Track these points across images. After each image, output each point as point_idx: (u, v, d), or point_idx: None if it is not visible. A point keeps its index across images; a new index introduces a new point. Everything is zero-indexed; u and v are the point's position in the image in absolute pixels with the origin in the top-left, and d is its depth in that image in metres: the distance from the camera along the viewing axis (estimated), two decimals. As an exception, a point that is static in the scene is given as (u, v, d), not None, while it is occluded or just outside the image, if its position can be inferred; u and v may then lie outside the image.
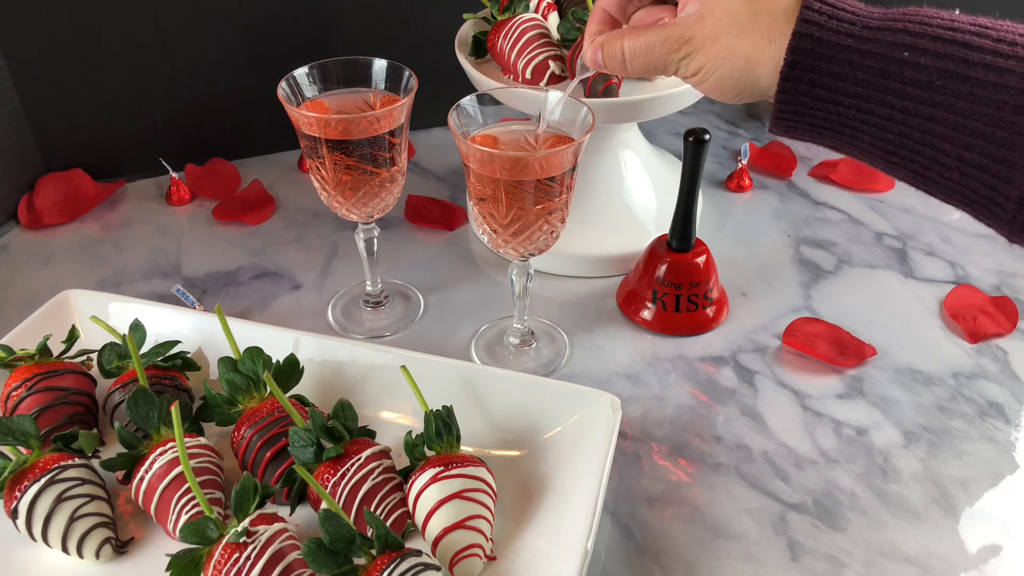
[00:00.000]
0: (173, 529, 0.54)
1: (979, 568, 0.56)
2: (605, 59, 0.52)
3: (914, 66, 0.40)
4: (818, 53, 0.42)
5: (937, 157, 0.41)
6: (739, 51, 0.45)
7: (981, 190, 0.41)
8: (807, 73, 0.43)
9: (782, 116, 0.45)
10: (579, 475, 0.56)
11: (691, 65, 0.47)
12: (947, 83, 0.39)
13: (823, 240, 0.86)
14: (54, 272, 0.81)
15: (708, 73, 0.47)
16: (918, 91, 0.40)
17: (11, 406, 0.60)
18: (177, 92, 0.91)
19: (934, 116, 0.40)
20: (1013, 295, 0.78)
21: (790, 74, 0.43)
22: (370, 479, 0.54)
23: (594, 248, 0.80)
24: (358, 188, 0.66)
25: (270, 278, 0.81)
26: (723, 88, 0.47)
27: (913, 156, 0.42)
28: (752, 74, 0.45)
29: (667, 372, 0.71)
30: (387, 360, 0.63)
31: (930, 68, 0.40)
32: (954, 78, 0.39)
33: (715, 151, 1.00)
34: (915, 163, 0.42)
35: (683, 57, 0.47)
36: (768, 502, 0.60)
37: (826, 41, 0.42)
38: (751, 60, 0.45)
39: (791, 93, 0.44)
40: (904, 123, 0.41)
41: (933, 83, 0.40)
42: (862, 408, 0.67)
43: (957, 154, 0.40)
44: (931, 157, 0.41)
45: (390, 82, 0.67)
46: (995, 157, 0.39)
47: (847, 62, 0.42)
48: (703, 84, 0.48)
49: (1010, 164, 0.39)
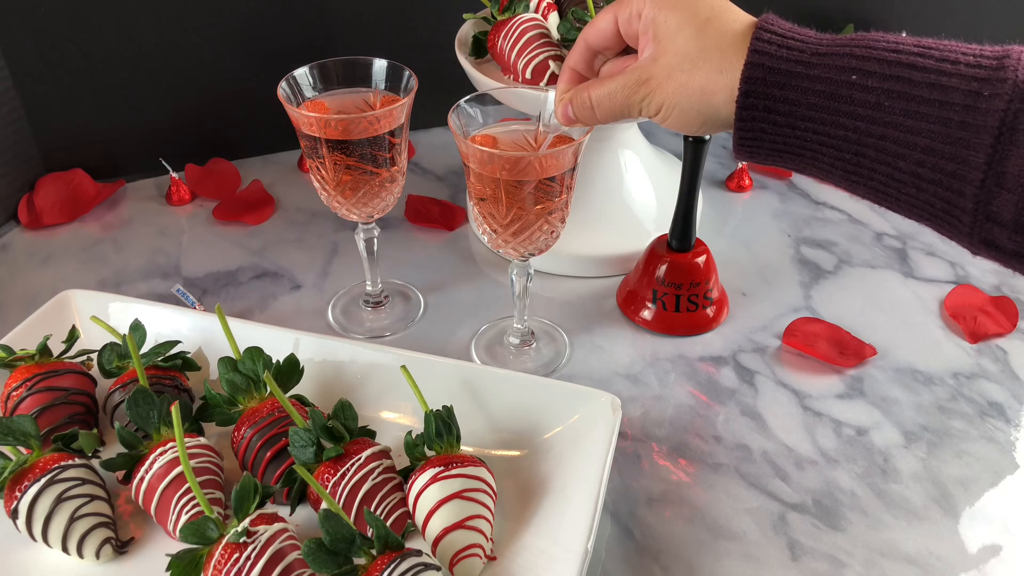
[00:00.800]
0: (173, 529, 0.54)
1: (979, 568, 0.56)
2: (575, 110, 0.54)
3: (862, 88, 0.42)
4: (770, 80, 0.44)
5: (893, 174, 0.42)
6: (693, 85, 0.47)
7: (938, 204, 0.42)
8: (762, 100, 0.44)
9: (742, 142, 0.47)
10: (579, 475, 0.56)
11: (652, 104, 0.49)
12: (895, 103, 0.41)
13: (823, 240, 0.86)
14: (54, 272, 0.81)
15: (669, 109, 0.49)
16: (868, 111, 0.42)
17: (11, 406, 0.60)
18: (177, 92, 0.91)
19: (886, 135, 0.42)
20: (1013, 295, 0.78)
21: (745, 102, 0.45)
22: (370, 479, 0.54)
23: (594, 248, 0.80)
24: (358, 188, 0.66)
25: (270, 278, 0.81)
26: (686, 121, 0.49)
27: (871, 174, 0.43)
28: (710, 105, 0.47)
29: (667, 372, 0.71)
30: (387, 360, 0.63)
31: (878, 89, 0.41)
32: (901, 98, 0.41)
33: (715, 151, 1.00)
34: (874, 180, 0.44)
35: (643, 98, 0.49)
36: (768, 502, 0.60)
37: (777, 69, 0.44)
38: (706, 92, 0.47)
39: (748, 120, 0.45)
40: (859, 143, 0.43)
41: (882, 103, 0.41)
42: (862, 408, 0.67)
43: (911, 170, 0.42)
44: (888, 174, 0.43)
45: (390, 82, 0.67)
46: (946, 172, 0.40)
47: (799, 88, 0.43)
48: (667, 120, 0.49)
49: (961, 178, 0.40)
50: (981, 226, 0.41)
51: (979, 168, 0.39)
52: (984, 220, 0.40)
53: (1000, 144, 0.38)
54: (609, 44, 0.53)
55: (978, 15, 0.98)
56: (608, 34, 0.53)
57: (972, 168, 0.39)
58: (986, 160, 0.39)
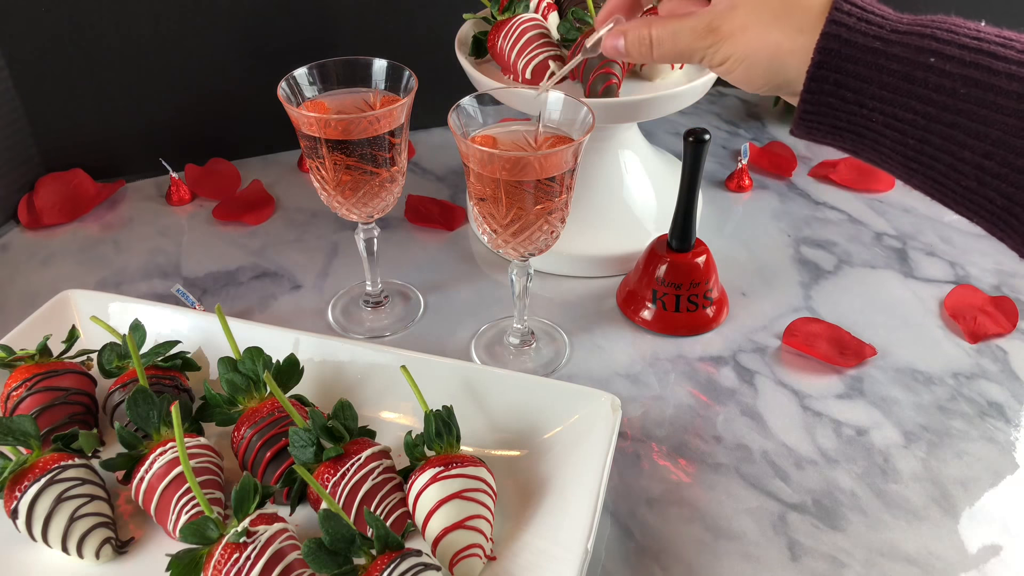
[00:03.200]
0: (173, 529, 0.54)
1: (979, 568, 0.56)
2: (629, 44, 0.51)
3: (939, 72, 0.40)
4: (845, 54, 0.42)
5: (956, 165, 0.41)
6: (769, 39, 0.45)
7: (998, 200, 0.41)
8: (833, 73, 0.43)
9: (806, 116, 0.45)
10: (579, 475, 0.56)
11: (718, 54, 0.47)
12: (971, 91, 0.40)
13: (823, 240, 0.86)
14: (54, 272, 0.81)
15: (736, 63, 0.47)
16: (942, 97, 0.40)
17: (11, 406, 0.60)
18: (177, 92, 0.91)
19: (956, 123, 0.40)
20: (1013, 295, 0.78)
21: (816, 74, 0.43)
22: (370, 479, 0.54)
23: (594, 248, 0.80)
24: (358, 188, 0.66)
25: (270, 278, 0.81)
26: (750, 77, 0.47)
27: (932, 163, 0.42)
28: (781, 65, 0.45)
29: (667, 372, 0.71)
30: (387, 360, 0.63)
31: (955, 75, 0.40)
32: (978, 86, 0.40)
33: (715, 151, 1.00)
34: (934, 170, 0.42)
35: (710, 45, 0.47)
36: (768, 502, 0.60)
37: (854, 43, 0.42)
38: (780, 49, 0.45)
39: (816, 93, 0.44)
40: (926, 128, 0.41)
41: (957, 90, 0.40)
42: (862, 408, 0.67)
43: (976, 162, 0.41)
44: (950, 164, 0.41)
45: (390, 82, 0.67)
46: (1014, 167, 0.40)
47: (874, 64, 0.42)
48: (731, 74, 0.48)
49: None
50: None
51: None
52: None
53: None
54: None
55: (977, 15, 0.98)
56: None
57: None
58: None
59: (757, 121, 1.06)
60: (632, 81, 0.78)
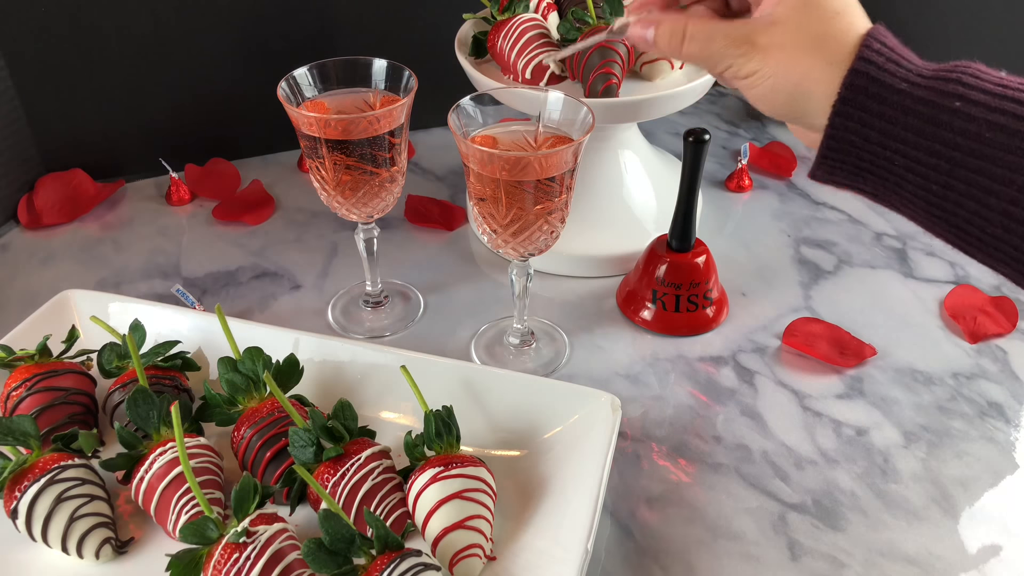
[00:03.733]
0: (173, 529, 0.54)
1: (979, 568, 0.56)
2: (659, 36, 0.50)
3: (965, 116, 0.40)
4: (872, 92, 0.42)
5: (980, 211, 0.41)
6: (801, 63, 0.44)
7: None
8: (858, 111, 0.42)
9: (828, 155, 0.45)
10: (579, 475, 0.56)
11: (746, 67, 0.47)
12: (996, 136, 0.39)
13: (823, 240, 0.86)
14: (54, 272, 0.81)
15: (762, 78, 0.46)
16: (967, 142, 0.40)
17: (11, 406, 0.60)
18: (177, 92, 0.91)
19: (981, 168, 0.40)
20: (1013, 295, 0.78)
21: (842, 109, 0.43)
22: (370, 479, 0.54)
23: (594, 248, 0.80)
24: (358, 188, 0.66)
25: (270, 278, 0.81)
26: (773, 98, 0.47)
27: (956, 209, 0.42)
28: (806, 91, 0.45)
29: (667, 372, 0.71)
30: (387, 360, 0.63)
31: (980, 120, 0.40)
32: (1004, 131, 0.39)
33: (715, 151, 1.00)
34: (958, 216, 0.42)
35: (741, 55, 0.47)
36: (768, 502, 0.60)
37: (881, 82, 0.42)
38: (809, 76, 0.44)
39: (840, 130, 0.43)
40: (950, 174, 0.41)
41: (983, 135, 0.40)
42: (862, 408, 0.67)
43: (1002, 208, 0.40)
44: (974, 211, 0.41)
45: (390, 82, 0.67)
46: None
47: (899, 105, 0.42)
48: (754, 89, 0.47)
49: None
50: None
51: None
52: None
53: None
54: None
55: (977, 16, 0.98)
56: None
57: None
58: None
59: (757, 121, 1.06)
60: (632, 81, 0.78)
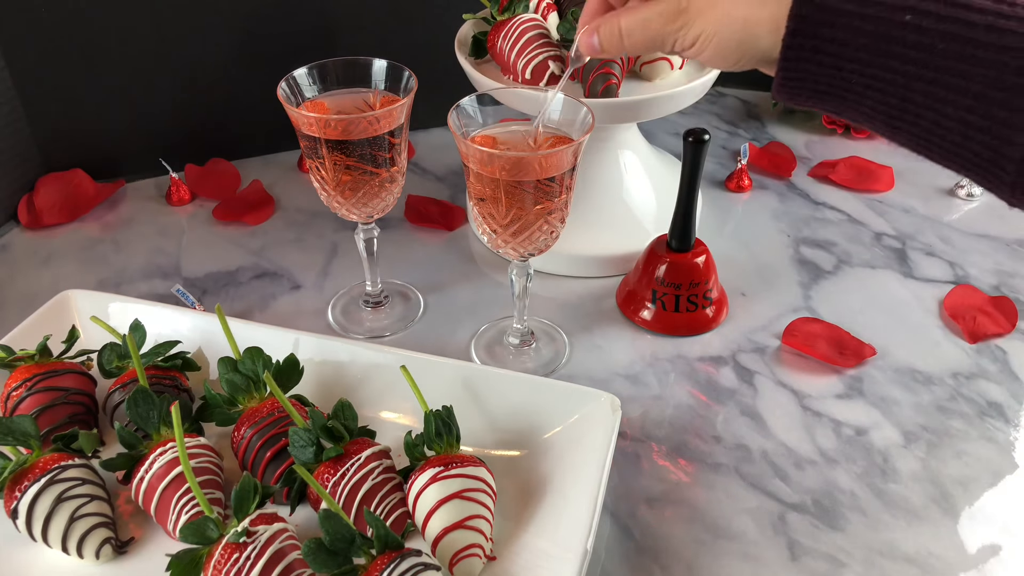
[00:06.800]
0: (173, 529, 0.54)
1: (979, 568, 0.56)
2: (602, 39, 0.52)
3: (916, 29, 0.40)
4: (819, 19, 0.42)
5: (940, 120, 0.41)
6: (736, 14, 0.45)
7: (983, 152, 0.41)
8: (809, 40, 0.43)
9: (785, 82, 0.45)
10: (579, 475, 0.56)
11: (689, 34, 0.47)
12: (949, 45, 0.39)
13: (822, 240, 0.86)
14: (54, 272, 0.81)
15: (707, 39, 0.47)
16: (920, 54, 0.40)
17: (11, 406, 0.60)
18: (177, 92, 0.92)
19: (936, 79, 0.40)
20: (1012, 295, 0.78)
21: (792, 41, 0.43)
22: (370, 479, 0.54)
23: (594, 248, 0.80)
24: (358, 188, 0.66)
25: (270, 278, 0.81)
26: (723, 53, 0.47)
27: (916, 120, 0.42)
28: (752, 35, 0.45)
29: (667, 372, 0.71)
30: (387, 360, 0.63)
31: (932, 31, 0.40)
32: (956, 40, 0.39)
33: (715, 151, 1.00)
34: (918, 127, 0.42)
35: (680, 27, 0.47)
36: (768, 502, 0.60)
37: (827, 7, 0.42)
38: (748, 21, 0.45)
39: (793, 60, 0.44)
40: (907, 87, 0.41)
41: (935, 46, 0.40)
42: (861, 408, 0.67)
43: (959, 117, 0.40)
44: (934, 120, 0.41)
45: (390, 82, 0.67)
46: (997, 119, 0.39)
47: (849, 27, 0.42)
48: (703, 53, 0.48)
49: (1011, 126, 0.39)
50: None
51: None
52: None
53: None
54: None
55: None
56: None
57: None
58: None
59: (757, 121, 1.06)
60: (632, 81, 0.78)
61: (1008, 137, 0.39)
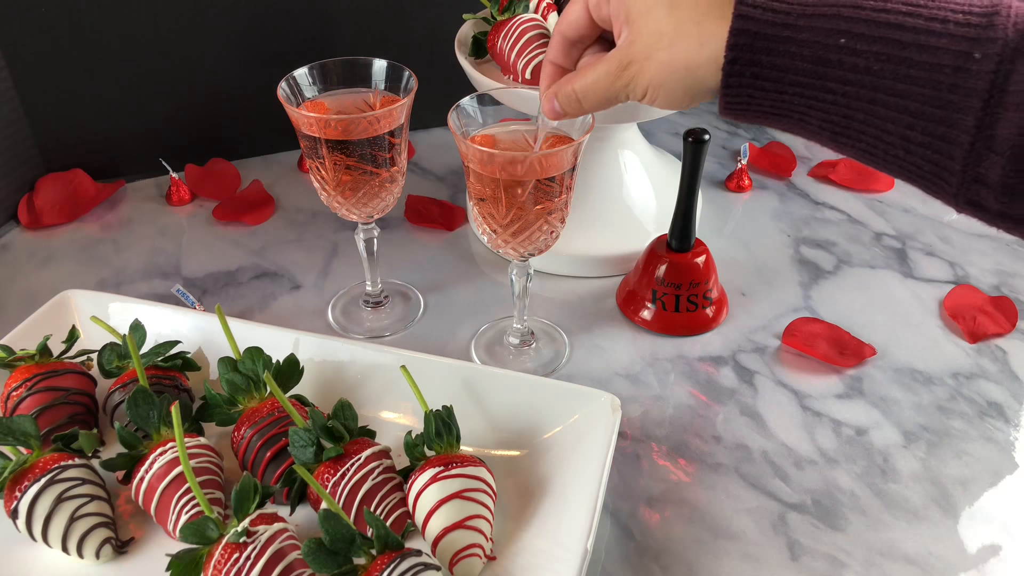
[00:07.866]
0: (173, 529, 0.54)
1: (979, 568, 0.56)
2: (561, 104, 0.53)
3: (851, 51, 0.41)
4: (757, 47, 0.43)
5: (882, 136, 0.42)
6: (676, 62, 0.46)
7: (926, 166, 0.41)
8: (749, 67, 0.43)
9: (728, 107, 0.46)
10: (579, 475, 0.56)
11: (637, 88, 0.49)
12: (884, 66, 0.40)
13: (823, 240, 0.86)
14: (54, 272, 0.81)
15: (656, 90, 0.48)
16: (857, 76, 0.41)
17: (11, 406, 0.60)
18: (177, 92, 0.92)
19: (875, 99, 0.41)
20: (1013, 295, 0.78)
21: (732, 70, 0.44)
22: (370, 479, 0.54)
23: (594, 248, 0.80)
24: (358, 188, 0.66)
25: (270, 278, 0.81)
26: (674, 99, 0.48)
27: (860, 136, 0.43)
28: (695, 79, 0.46)
29: (667, 372, 0.71)
30: (387, 360, 0.63)
31: (866, 53, 0.40)
32: (890, 61, 0.40)
33: (715, 151, 1.00)
34: (862, 142, 0.43)
35: (627, 83, 0.49)
36: (768, 502, 0.60)
37: (763, 35, 0.43)
38: (691, 67, 0.46)
39: (735, 87, 0.44)
40: (847, 107, 0.42)
41: (871, 67, 0.40)
42: (861, 408, 0.67)
43: (900, 133, 0.41)
44: (876, 137, 0.42)
45: (390, 82, 0.67)
46: (936, 135, 0.40)
47: (786, 53, 0.42)
48: (656, 101, 0.49)
49: (950, 140, 0.40)
50: (968, 188, 0.40)
51: (968, 132, 0.39)
52: (972, 182, 0.40)
53: (990, 107, 0.38)
54: (585, 33, 0.53)
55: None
56: (582, 23, 0.52)
57: (962, 131, 0.39)
58: (975, 124, 0.38)
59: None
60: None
61: (947, 152, 0.40)
